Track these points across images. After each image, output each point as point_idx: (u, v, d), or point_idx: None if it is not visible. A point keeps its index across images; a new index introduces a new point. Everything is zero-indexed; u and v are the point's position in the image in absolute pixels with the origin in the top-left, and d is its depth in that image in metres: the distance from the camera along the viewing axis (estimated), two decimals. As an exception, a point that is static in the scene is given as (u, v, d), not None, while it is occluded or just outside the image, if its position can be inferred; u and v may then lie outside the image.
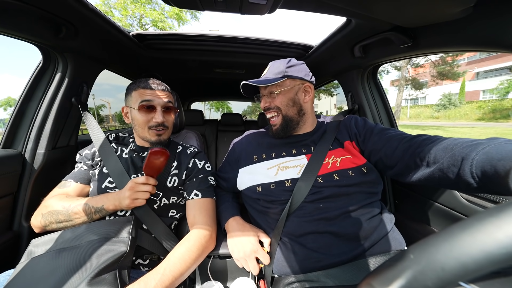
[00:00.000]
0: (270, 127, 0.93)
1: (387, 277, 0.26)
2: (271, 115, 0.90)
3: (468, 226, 0.23)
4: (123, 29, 1.08)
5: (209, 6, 0.68)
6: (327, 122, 0.97)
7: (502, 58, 23.90)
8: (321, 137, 0.88)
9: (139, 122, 0.85)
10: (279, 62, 0.89)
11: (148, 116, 0.85)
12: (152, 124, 0.85)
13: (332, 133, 0.88)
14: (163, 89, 0.89)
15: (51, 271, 0.58)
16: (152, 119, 0.85)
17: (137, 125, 0.87)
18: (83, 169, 0.88)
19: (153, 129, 0.86)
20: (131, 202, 0.74)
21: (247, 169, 0.91)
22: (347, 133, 0.88)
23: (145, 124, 0.85)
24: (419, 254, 0.25)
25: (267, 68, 0.91)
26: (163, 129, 0.88)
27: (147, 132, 0.87)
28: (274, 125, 0.90)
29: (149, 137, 0.87)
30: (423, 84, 21.09)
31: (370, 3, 0.67)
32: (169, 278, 0.60)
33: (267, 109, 0.90)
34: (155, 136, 0.87)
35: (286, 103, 0.86)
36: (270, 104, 0.88)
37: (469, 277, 0.21)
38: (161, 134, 0.88)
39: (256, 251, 0.76)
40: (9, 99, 36.73)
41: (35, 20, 0.78)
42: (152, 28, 11.55)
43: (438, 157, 0.55)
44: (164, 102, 0.87)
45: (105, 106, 30.45)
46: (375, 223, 0.75)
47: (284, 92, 0.86)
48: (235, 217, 0.88)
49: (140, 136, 0.90)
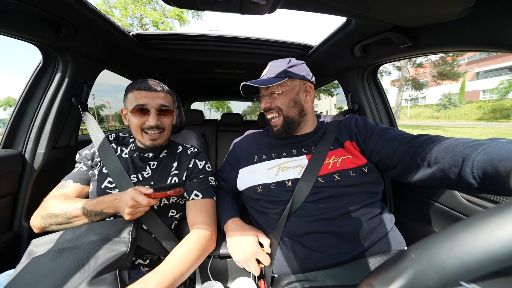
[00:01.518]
0: (271, 128, 0.91)
1: (387, 277, 0.26)
2: (272, 116, 0.89)
3: (470, 225, 0.23)
4: (123, 29, 1.08)
5: (209, 6, 0.67)
6: (327, 122, 0.97)
7: (502, 58, 23.90)
8: (321, 137, 0.88)
9: (133, 125, 0.85)
10: (279, 62, 0.88)
11: (141, 119, 0.84)
12: (145, 127, 0.84)
13: (332, 133, 0.88)
14: (159, 90, 0.86)
15: (51, 271, 0.58)
16: (145, 122, 0.84)
17: (132, 128, 0.87)
18: (83, 170, 0.88)
19: (147, 133, 0.85)
20: (130, 217, 0.73)
21: (248, 170, 0.91)
22: (347, 133, 0.88)
23: (138, 127, 0.84)
24: (419, 253, 0.25)
25: (267, 68, 0.90)
26: (159, 132, 0.86)
27: (141, 135, 0.86)
28: (275, 126, 0.89)
29: (143, 141, 0.86)
30: (423, 84, 21.09)
31: (370, 3, 0.67)
32: (169, 279, 0.60)
33: (268, 110, 0.89)
34: (149, 140, 0.85)
35: (288, 103, 0.85)
36: (271, 105, 0.87)
37: (470, 276, 0.21)
38: (155, 139, 0.86)
39: (256, 252, 0.76)
40: (9, 99, 36.73)
41: (35, 20, 0.78)
42: (152, 28, 11.55)
43: (439, 157, 0.55)
44: (159, 105, 0.84)
45: (105, 106, 30.46)
46: (375, 223, 0.75)
47: (285, 93, 0.85)
48: (234, 219, 0.87)
49: (137, 139, 0.90)
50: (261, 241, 0.81)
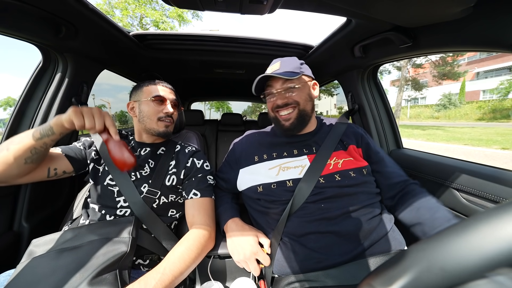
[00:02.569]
0: (280, 124, 0.88)
1: (387, 277, 0.26)
2: (287, 112, 0.85)
3: (470, 225, 0.22)
4: (123, 29, 1.08)
5: (209, 6, 0.68)
6: (330, 123, 0.97)
7: (502, 58, 23.90)
8: (325, 138, 0.89)
9: (150, 113, 0.90)
10: (289, 58, 0.88)
11: (159, 107, 0.91)
12: (162, 115, 0.91)
13: (338, 135, 0.89)
14: (171, 88, 0.99)
15: (51, 271, 0.58)
16: (162, 110, 0.91)
17: (145, 117, 0.91)
18: (77, 145, 0.90)
19: (162, 120, 0.92)
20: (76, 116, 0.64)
21: (248, 169, 0.90)
22: (354, 138, 0.90)
23: (155, 115, 0.90)
24: (419, 254, 0.25)
25: (276, 64, 0.87)
26: (170, 121, 0.95)
27: (155, 123, 0.91)
28: (287, 120, 0.86)
29: (157, 128, 0.91)
30: (423, 84, 21.09)
31: (370, 3, 0.67)
32: (169, 277, 0.61)
33: (284, 105, 0.85)
34: (164, 127, 0.92)
35: (305, 98, 0.86)
36: (288, 100, 0.84)
37: (470, 276, 0.21)
38: (168, 126, 0.94)
39: (256, 253, 0.76)
40: (9, 99, 36.74)
41: (35, 20, 0.78)
42: (152, 28, 11.55)
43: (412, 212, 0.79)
44: (173, 98, 0.96)
45: (105, 106, 30.48)
46: (375, 223, 0.75)
47: (302, 87, 0.86)
48: (234, 219, 0.87)
49: (147, 128, 0.92)
50: (261, 241, 0.81)
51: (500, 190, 0.76)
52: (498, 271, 0.20)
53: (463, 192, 0.88)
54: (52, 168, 0.79)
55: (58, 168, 0.80)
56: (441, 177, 0.97)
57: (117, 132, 0.69)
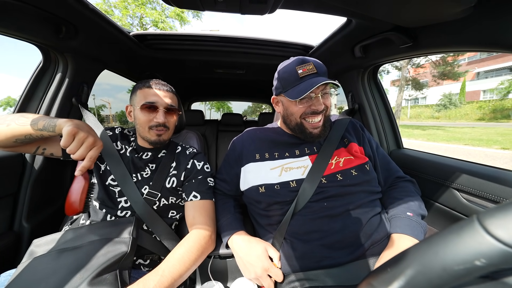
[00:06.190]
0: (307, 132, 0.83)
1: (388, 277, 0.26)
2: (319, 119, 0.81)
3: (470, 225, 0.22)
4: (123, 29, 1.08)
5: (209, 6, 0.68)
6: (330, 122, 0.96)
7: (502, 58, 23.89)
8: (326, 138, 0.88)
9: (141, 122, 0.86)
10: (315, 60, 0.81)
11: (150, 116, 0.85)
12: (153, 124, 0.86)
13: (339, 132, 0.89)
14: (167, 90, 0.90)
15: (52, 271, 0.58)
16: (153, 119, 0.85)
17: (138, 125, 0.88)
18: None
19: (154, 129, 0.86)
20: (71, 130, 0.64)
21: (250, 167, 0.89)
22: (355, 136, 0.90)
23: (146, 124, 0.86)
24: (420, 253, 0.25)
25: (309, 64, 0.78)
26: (164, 129, 0.88)
27: (147, 132, 0.87)
28: (316, 127, 0.82)
29: (149, 137, 0.87)
30: (424, 84, 21.08)
31: (370, 3, 0.67)
32: (168, 279, 0.61)
33: (320, 112, 0.80)
34: (155, 136, 0.87)
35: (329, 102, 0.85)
36: (323, 106, 0.80)
37: (470, 276, 0.21)
38: (161, 134, 0.88)
39: (267, 269, 0.72)
40: (9, 99, 36.77)
41: (35, 20, 0.78)
42: (152, 28, 11.56)
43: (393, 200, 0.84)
44: (167, 104, 0.87)
45: (105, 106, 30.48)
46: (376, 221, 0.76)
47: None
48: (238, 232, 0.82)
49: (141, 136, 0.90)
50: (270, 255, 0.76)
51: (500, 190, 0.76)
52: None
53: (464, 192, 0.88)
54: (42, 147, 0.79)
55: (47, 148, 0.81)
56: (441, 177, 0.97)
57: (85, 170, 0.67)
